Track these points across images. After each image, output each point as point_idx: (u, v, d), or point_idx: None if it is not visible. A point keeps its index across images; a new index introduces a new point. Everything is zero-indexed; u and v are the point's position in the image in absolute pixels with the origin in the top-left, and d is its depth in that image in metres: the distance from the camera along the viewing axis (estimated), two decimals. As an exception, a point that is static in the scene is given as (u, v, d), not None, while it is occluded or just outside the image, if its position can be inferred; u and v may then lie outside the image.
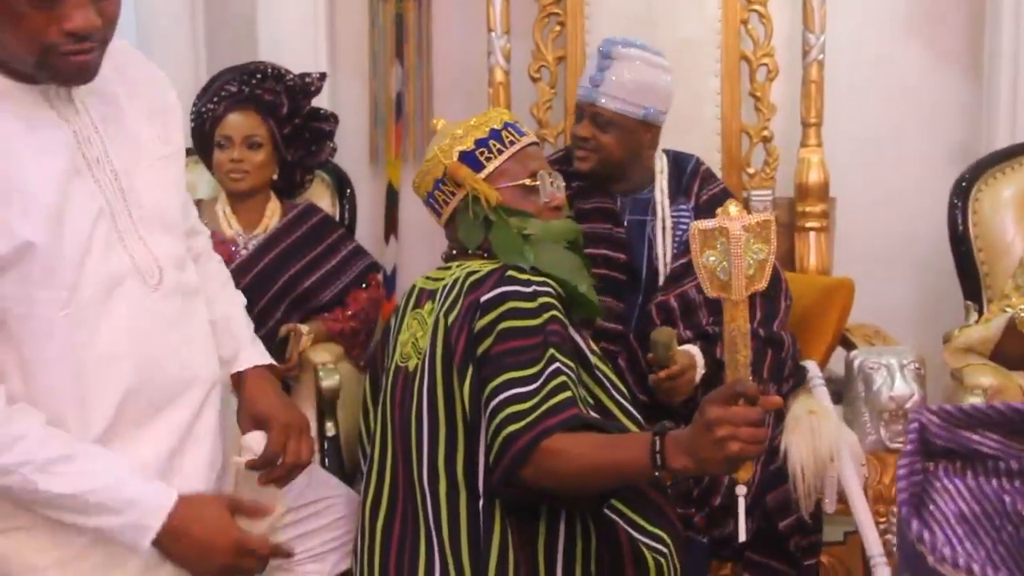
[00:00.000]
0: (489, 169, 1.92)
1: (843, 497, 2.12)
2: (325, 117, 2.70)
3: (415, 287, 1.97)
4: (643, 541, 1.78)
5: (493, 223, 1.90)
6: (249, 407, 1.77)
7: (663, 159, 2.52)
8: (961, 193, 2.73)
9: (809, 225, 2.86)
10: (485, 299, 1.78)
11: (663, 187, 2.48)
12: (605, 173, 2.47)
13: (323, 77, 2.70)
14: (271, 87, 2.58)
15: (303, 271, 2.58)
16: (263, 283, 2.54)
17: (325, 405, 2.47)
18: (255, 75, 2.59)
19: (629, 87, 2.40)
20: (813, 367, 2.42)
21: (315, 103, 2.69)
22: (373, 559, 1.85)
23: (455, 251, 1.98)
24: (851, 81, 3.04)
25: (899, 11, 3.14)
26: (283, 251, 2.58)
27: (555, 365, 1.71)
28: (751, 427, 1.51)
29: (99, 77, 1.57)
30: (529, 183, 1.94)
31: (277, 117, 2.58)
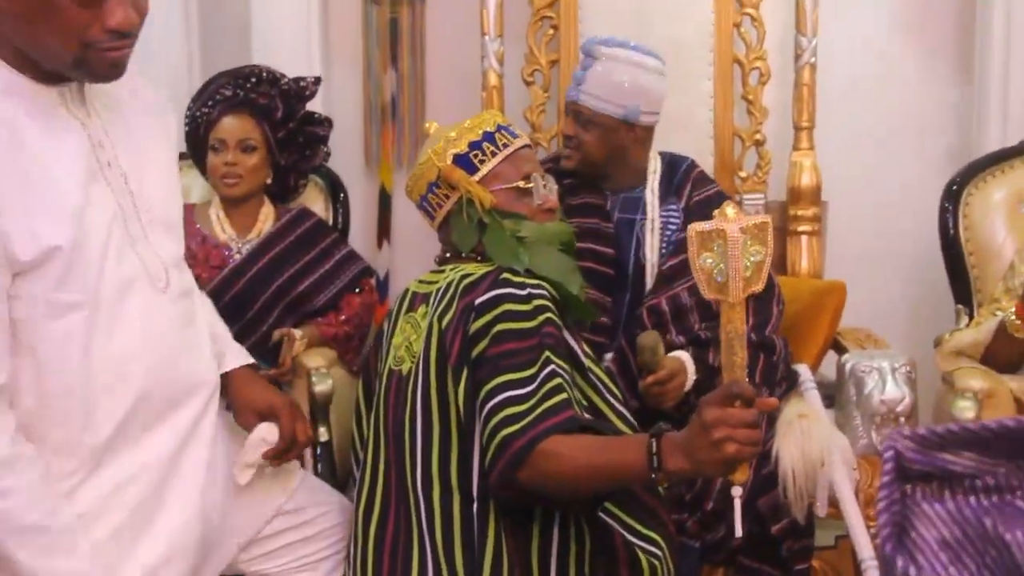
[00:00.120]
0: (483, 172, 1.92)
1: (834, 501, 2.12)
2: (319, 121, 2.70)
3: (408, 291, 1.97)
4: (637, 544, 1.79)
5: (487, 226, 1.90)
6: (249, 403, 1.83)
7: (657, 160, 2.53)
8: (952, 197, 2.74)
9: (801, 229, 2.86)
10: (480, 301, 1.78)
11: (654, 187, 2.49)
12: (589, 171, 2.48)
13: (318, 81, 2.70)
14: (266, 91, 2.58)
15: (296, 276, 2.58)
16: (257, 288, 2.53)
17: (318, 410, 2.46)
18: (250, 79, 2.59)
19: (608, 86, 2.41)
20: (805, 371, 2.43)
21: (309, 107, 2.69)
22: (366, 564, 1.84)
23: (448, 254, 1.98)
24: (843, 85, 3.05)
25: (890, 15, 3.16)
26: (277, 256, 2.57)
27: (551, 367, 1.71)
28: (747, 428, 1.51)
29: None
30: (523, 185, 1.94)
31: (271, 121, 2.57)
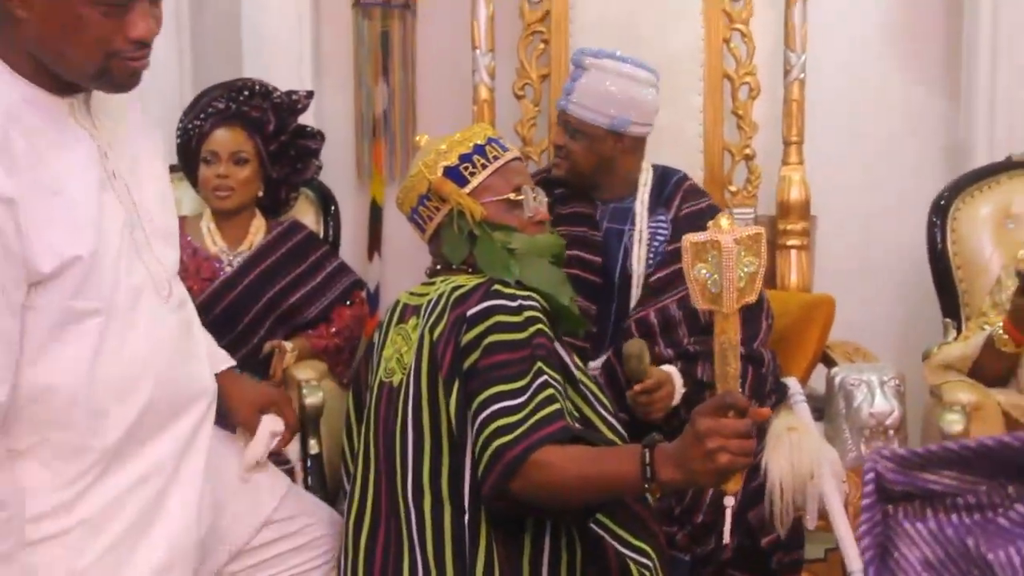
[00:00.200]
0: (473, 184, 1.93)
1: (824, 514, 2.13)
2: (311, 134, 2.70)
3: (399, 302, 1.98)
4: (628, 555, 1.79)
5: (478, 238, 1.91)
6: (246, 399, 1.91)
7: (649, 172, 2.54)
8: (939, 211, 2.75)
9: (790, 243, 2.88)
10: (471, 313, 1.78)
11: (644, 199, 2.50)
12: (578, 181, 2.50)
13: (310, 95, 2.71)
14: (258, 104, 2.59)
15: (287, 288, 2.58)
16: (248, 300, 2.54)
17: (308, 422, 2.45)
18: (242, 92, 2.59)
19: (596, 96, 2.43)
20: (794, 384, 2.44)
21: (300, 120, 2.69)
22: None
23: (439, 266, 1.98)
24: (832, 100, 3.07)
25: (878, 31, 3.18)
26: (268, 268, 2.58)
27: (543, 378, 1.72)
28: (740, 439, 1.51)
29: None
30: (513, 198, 1.94)
31: (263, 134, 2.58)
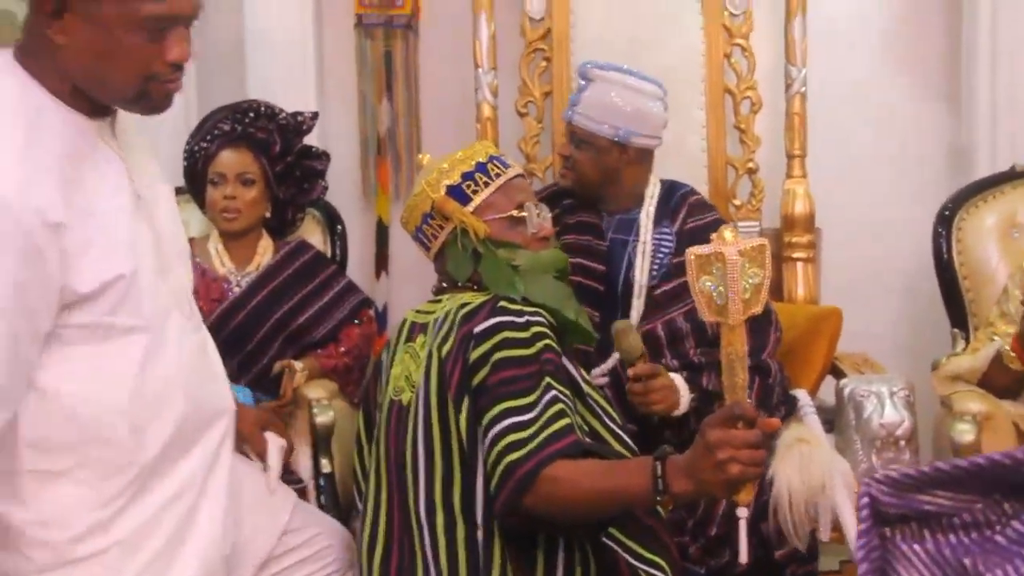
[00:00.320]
0: (476, 202, 1.93)
1: (838, 526, 2.12)
2: (317, 155, 2.71)
3: (406, 321, 1.98)
4: (641, 568, 1.79)
5: (482, 255, 1.91)
6: (248, 419, 2.00)
7: (657, 186, 2.56)
8: (944, 222, 2.75)
9: (796, 256, 2.88)
10: (479, 330, 1.79)
11: (650, 211, 2.52)
12: (584, 191, 2.52)
13: (315, 116, 2.72)
14: (264, 125, 2.60)
15: (296, 308, 2.59)
16: (256, 320, 2.54)
17: (320, 441, 2.47)
18: (248, 113, 2.61)
19: (601, 107, 2.46)
20: (803, 396, 2.43)
21: (306, 141, 2.70)
22: (371, 594, 1.84)
23: (445, 284, 1.99)
24: (834, 113, 3.08)
25: (879, 43, 3.20)
26: (276, 288, 2.58)
27: (552, 393, 1.72)
28: (750, 449, 1.52)
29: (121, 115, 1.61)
30: (516, 214, 1.95)
31: (270, 155, 2.59)
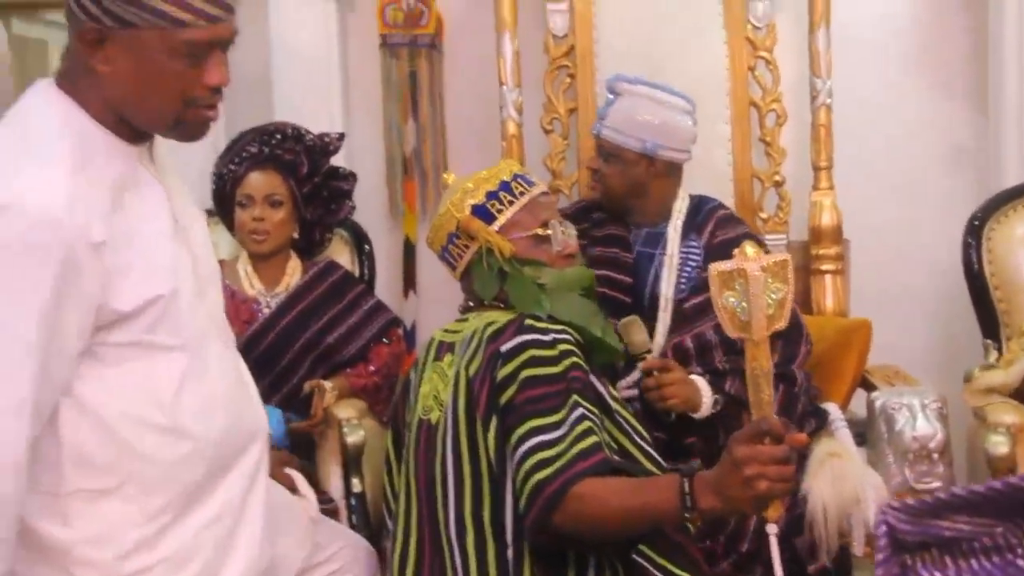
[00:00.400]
0: (501, 221, 1.95)
1: (871, 540, 2.11)
2: (344, 176, 2.73)
3: (434, 340, 1.99)
4: (671, 584, 1.79)
5: (508, 274, 1.92)
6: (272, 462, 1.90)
7: (685, 200, 2.56)
8: (974, 231, 2.73)
9: (824, 268, 2.86)
10: (506, 348, 1.79)
11: (677, 225, 2.52)
12: (613, 204, 2.54)
13: (342, 137, 2.74)
14: (291, 147, 2.62)
15: (325, 328, 2.60)
16: (286, 341, 2.56)
17: (350, 461, 2.48)
18: (275, 135, 2.63)
19: (629, 120, 2.48)
20: (834, 409, 2.42)
21: (332, 162, 2.72)
22: (403, 614, 1.85)
23: (472, 303, 2.00)
24: (860, 123, 3.06)
25: (903, 52, 3.18)
26: (305, 308, 2.60)
27: (579, 411, 1.73)
28: (778, 465, 1.53)
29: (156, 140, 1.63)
30: (541, 232, 1.96)
31: (297, 176, 2.61)
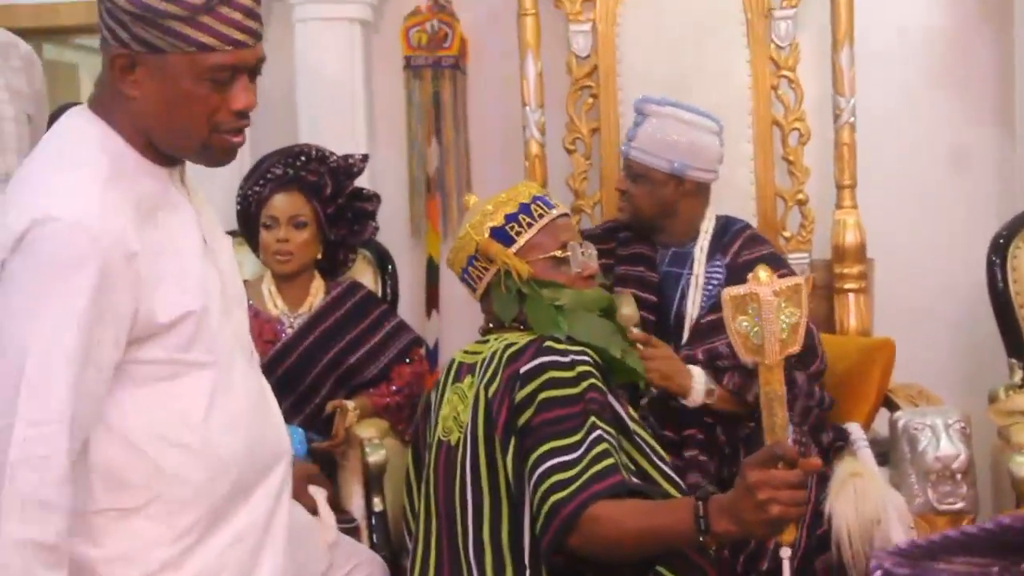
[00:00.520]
0: (520, 243, 1.95)
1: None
2: (368, 197, 2.74)
3: (454, 361, 2.00)
4: (688, 605, 1.78)
5: (527, 296, 1.93)
6: (295, 475, 1.90)
7: (712, 221, 2.57)
8: (999, 250, 2.72)
9: (848, 287, 2.85)
10: (524, 370, 1.80)
11: (704, 245, 2.54)
12: (641, 224, 2.56)
13: (365, 159, 2.76)
14: (315, 168, 2.64)
15: (348, 348, 2.62)
16: (309, 360, 2.58)
17: (372, 480, 2.49)
18: (299, 157, 2.66)
19: (657, 141, 2.50)
20: (856, 429, 2.41)
21: (356, 183, 2.73)
22: (421, 634, 1.86)
23: (492, 324, 2.01)
24: (883, 141, 3.05)
25: (927, 70, 3.17)
26: (328, 329, 2.62)
27: (597, 432, 1.73)
28: (791, 490, 1.53)
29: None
30: (560, 254, 1.96)
31: (321, 198, 2.63)
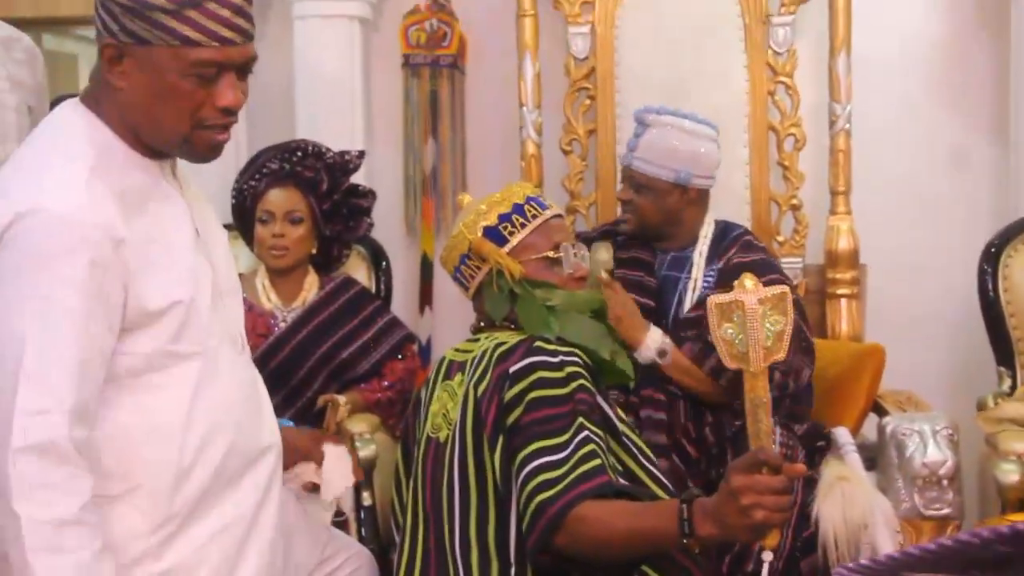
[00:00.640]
0: (513, 243, 1.96)
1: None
2: (363, 193, 2.75)
3: (445, 359, 2.01)
4: (672, 606, 1.79)
5: (518, 295, 1.94)
6: (303, 436, 2.07)
7: (711, 226, 2.59)
8: (991, 259, 2.73)
9: (840, 292, 2.87)
10: (514, 369, 1.81)
11: (703, 250, 2.55)
12: (646, 233, 2.57)
13: (362, 155, 2.76)
14: (311, 164, 2.65)
15: (340, 343, 2.63)
16: (301, 355, 2.59)
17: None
18: (296, 153, 2.66)
19: (660, 151, 2.50)
20: (845, 434, 2.42)
21: (352, 179, 2.74)
22: (406, 629, 1.87)
23: (483, 323, 2.01)
24: (878, 148, 3.07)
25: (923, 78, 3.19)
26: (321, 323, 2.63)
27: (584, 433, 1.74)
28: (775, 495, 1.54)
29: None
30: (552, 255, 1.97)
31: (317, 193, 2.64)
